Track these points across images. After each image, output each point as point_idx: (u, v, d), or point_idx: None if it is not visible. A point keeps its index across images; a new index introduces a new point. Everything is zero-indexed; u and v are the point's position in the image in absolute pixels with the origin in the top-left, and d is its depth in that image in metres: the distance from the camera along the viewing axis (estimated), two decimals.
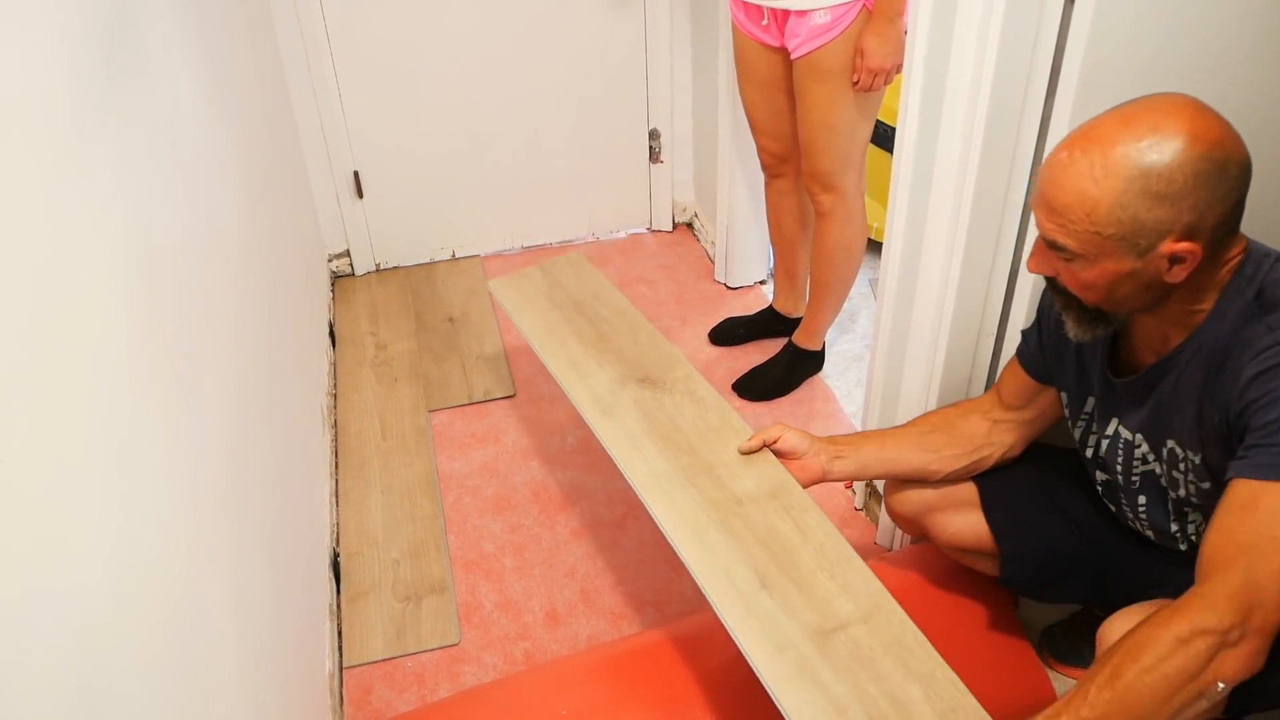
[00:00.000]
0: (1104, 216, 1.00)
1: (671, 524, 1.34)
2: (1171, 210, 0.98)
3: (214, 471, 1.14)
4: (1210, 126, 0.98)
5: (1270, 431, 1.00)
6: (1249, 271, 1.06)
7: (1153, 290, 1.06)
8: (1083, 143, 1.02)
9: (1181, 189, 0.97)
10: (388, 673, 1.66)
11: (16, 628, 0.62)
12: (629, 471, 1.44)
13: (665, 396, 1.56)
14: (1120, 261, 1.03)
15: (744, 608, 1.22)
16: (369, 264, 2.74)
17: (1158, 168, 0.97)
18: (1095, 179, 1.00)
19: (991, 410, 1.43)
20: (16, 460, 0.65)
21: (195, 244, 1.23)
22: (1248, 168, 1.00)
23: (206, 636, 1.00)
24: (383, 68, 2.45)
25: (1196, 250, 1.00)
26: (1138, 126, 0.99)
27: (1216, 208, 0.99)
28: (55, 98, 0.83)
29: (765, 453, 1.44)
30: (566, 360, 1.68)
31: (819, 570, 1.27)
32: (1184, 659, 0.97)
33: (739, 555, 1.29)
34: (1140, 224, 0.99)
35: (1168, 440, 1.18)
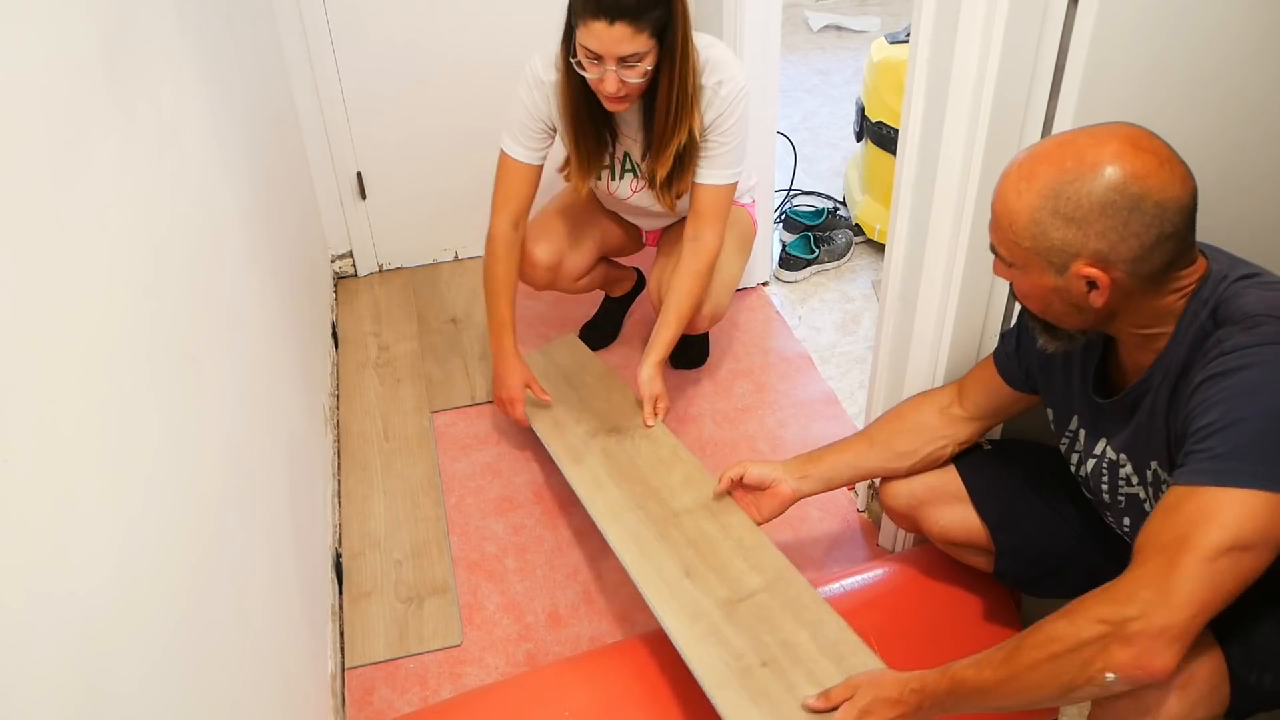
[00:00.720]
0: (1021, 229, 1.06)
1: (618, 539, 1.57)
2: (1078, 234, 1.02)
3: (216, 472, 1.14)
4: (1137, 162, 1.01)
5: (1202, 436, 1.00)
6: (1205, 295, 1.08)
7: (1084, 312, 1.10)
8: (1023, 157, 1.08)
9: (1087, 215, 1.01)
10: (390, 673, 1.66)
11: (19, 628, 0.62)
12: (589, 505, 1.67)
13: (627, 440, 1.81)
14: (1043, 275, 1.08)
15: (668, 593, 1.45)
16: (372, 265, 2.75)
17: (1067, 191, 1.02)
18: (1018, 192, 1.06)
19: (950, 406, 1.48)
20: (18, 461, 0.65)
21: (197, 245, 1.23)
22: (1172, 208, 1.01)
23: (209, 637, 1.00)
24: (386, 68, 2.45)
25: (1106, 278, 1.03)
26: (1068, 150, 1.04)
27: (1130, 240, 1.01)
28: (58, 97, 0.84)
29: (701, 475, 1.67)
30: (550, 420, 1.94)
31: (735, 557, 1.49)
32: (1077, 643, 1.00)
33: (670, 555, 1.52)
34: (1051, 241, 1.04)
35: (1151, 462, 1.18)
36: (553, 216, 2.11)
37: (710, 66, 1.76)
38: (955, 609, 1.55)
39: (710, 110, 1.78)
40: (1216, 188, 1.42)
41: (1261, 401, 0.97)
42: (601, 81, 1.66)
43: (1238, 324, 1.03)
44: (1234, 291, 1.06)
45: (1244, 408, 0.98)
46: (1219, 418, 0.99)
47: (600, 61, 1.64)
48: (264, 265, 1.66)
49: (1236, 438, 0.97)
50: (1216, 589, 0.96)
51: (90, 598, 0.73)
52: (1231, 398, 0.99)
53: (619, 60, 1.62)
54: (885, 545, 1.84)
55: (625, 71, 1.64)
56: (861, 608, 1.57)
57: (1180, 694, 1.04)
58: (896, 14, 4.44)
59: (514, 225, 1.95)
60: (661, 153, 1.80)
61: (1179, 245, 1.04)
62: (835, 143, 3.40)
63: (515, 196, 1.94)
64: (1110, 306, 1.08)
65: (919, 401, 1.53)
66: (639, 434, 1.82)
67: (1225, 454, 0.97)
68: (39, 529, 0.67)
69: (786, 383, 2.29)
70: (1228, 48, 1.29)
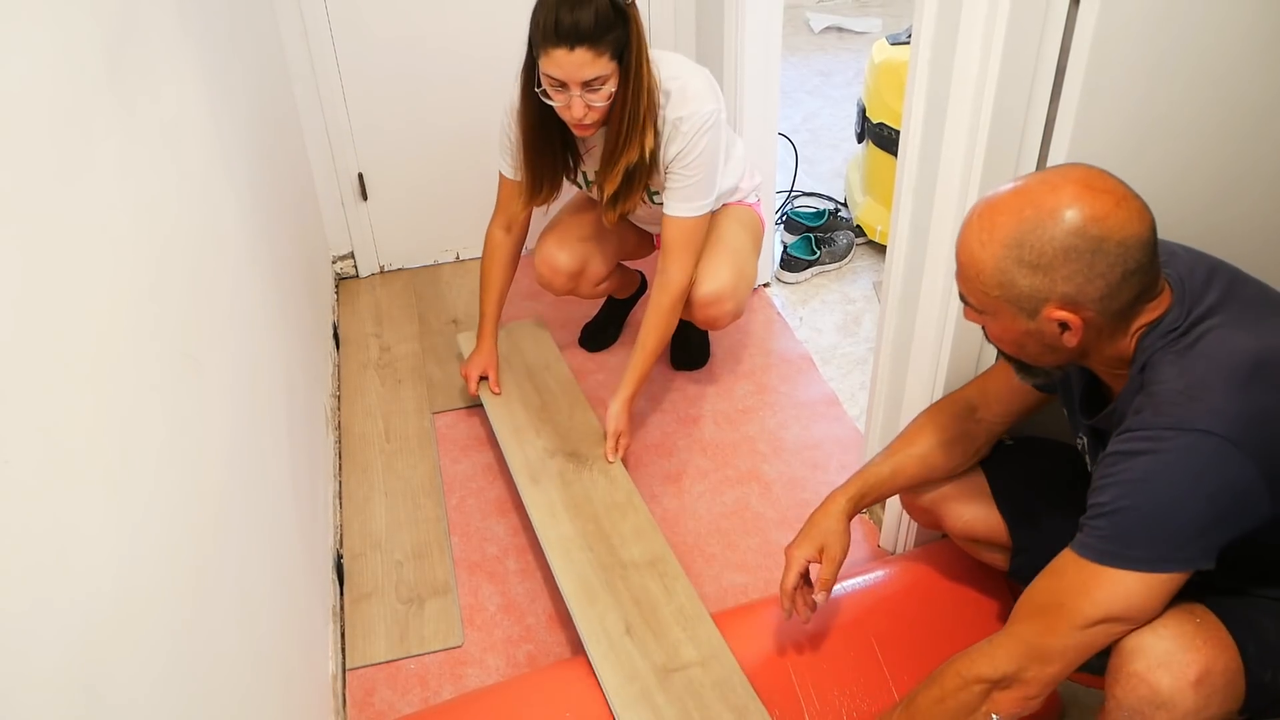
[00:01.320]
0: (989, 278, 1.07)
1: (565, 577, 1.65)
2: (1045, 280, 1.04)
3: (218, 473, 1.14)
4: (1095, 204, 1.02)
5: (1094, 514, 1.07)
6: (1147, 344, 1.10)
7: (1057, 351, 1.12)
8: (982, 207, 1.09)
9: (1052, 261, 1.03)
10: (390, 674, 1.66)
11: (22, 633, 0.62)
12: (542, 534, 1.74)
13: (585, 471, 1.88)
14: (1015, 320, 1.09)
15: (608, 647, 1.52)
16: (373, 266, 2.75)
17: (1028, 240, 1.04)
18: (982, 243, 1.07)
19: (975, 413, 1.47)
20: (20, 463, 0.65)
21: (199, 246, 1.24)
22: (1134, 245, 1.02)
23: (211, 638, 1.00)
24: (387, 70, 2.45)
25: (1078, 319, 1.06)
26: (1025, 198, 1.05)
27: (1096, 282, 1.03)
28: (60, 98, 0.84)
29: (652, 528, 1.73)
30: (511, 425, 2.01)
31: (675, 624, 1.56)
32: (965, 696, 1.16)
33: (614, 607, 1.59)
34: (1019, 289, 1.06)
35: None
36: (571, 223, 2.13)
37: (675, 99, 1.77)
38: (956, 610, 1.55)
39: (672, 145, 1.79)
40: (1220, 189, 1.42)
41: (1150, 492, 1.03)
42: (568, 108, 1.69)
43: (1153, 397, 1.06)
44: (1160, 357, 1.08)
45: (1134, 496, 1.04)
46: (1112, 500, 1.05)
47: (565, 88, 1.66)
48: (265, 266, 1.66)
49: (1123, 525, 1.05)
50: (1088, 649, 1.10)
51: (93, 599, 0.73)
52: (1126, 483, 1.05)
53: (583, 85, 1.65)
54: (886, 546, 1.84)
55: (590, 95, 1.67)
56: (862, 609, 1.57)
57: (1196, 690, 1.05)
58: (898, 15, 4.45)
59: (506, 229, 2.05)
60: (611, 168, 1.80)
61: (1145, 278, 1.06)
62: (836, 144, 3.40)
63: (509, 205, 2.01)
64: (1082, 345, 1.10)
65: (942, 419, 1.48)
66: (598, 466, 1.89)
67: (1110, 537, 1.06)
68: (41, 532, 0.67)
69: (788, 384, 2.29)
70: (1231, 48, 1.29)
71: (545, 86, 1.68)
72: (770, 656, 1.50)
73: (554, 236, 2.11)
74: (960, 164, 1.37)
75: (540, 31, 1.62)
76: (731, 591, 1.78)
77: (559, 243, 2.10)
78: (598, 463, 1.90)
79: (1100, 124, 1.31)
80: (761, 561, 1.83)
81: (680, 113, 1.76)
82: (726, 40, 2.26)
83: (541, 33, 1.61)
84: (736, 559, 1.84)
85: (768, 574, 1.80)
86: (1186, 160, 1.38)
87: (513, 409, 2.05)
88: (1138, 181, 1.39)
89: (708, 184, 1.84)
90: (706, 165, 1.81)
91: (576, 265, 2.10)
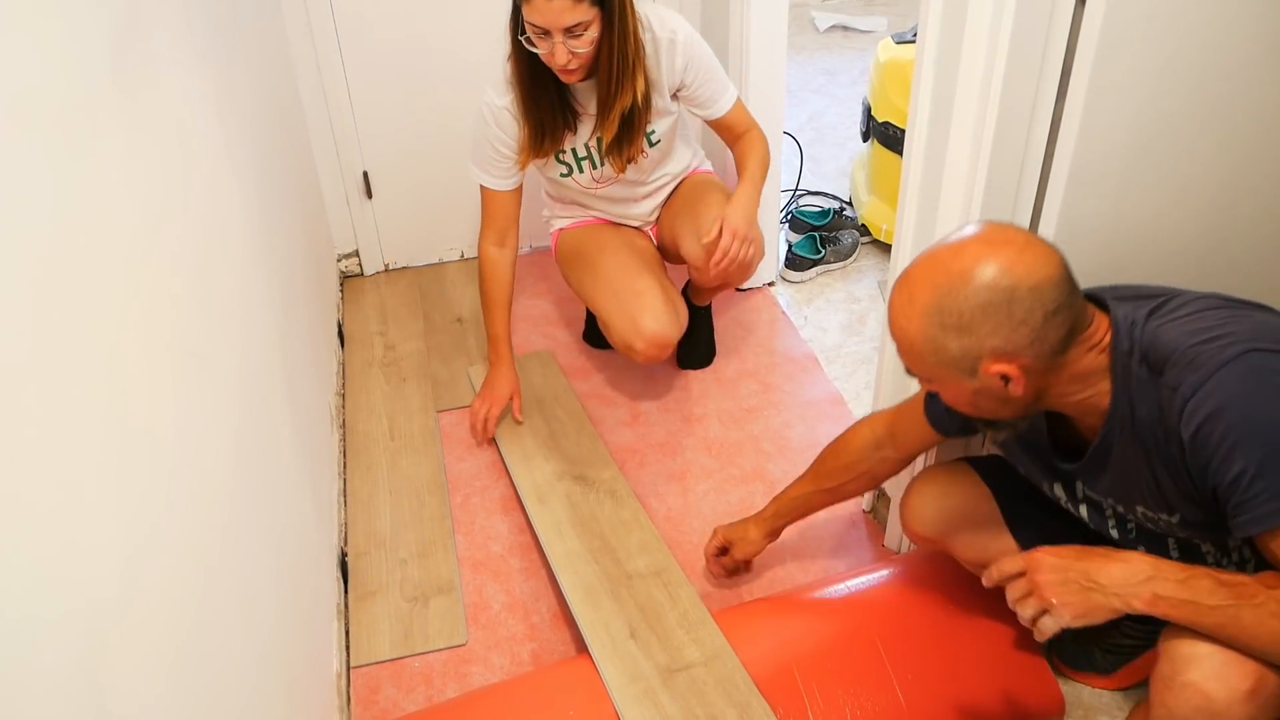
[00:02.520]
0: (922, 348, 1.10)
1: (571, 587, 1.68)
2: (972, 339, 1.06)
3: (222, 471, 1.14)
4: (997, 258, 1.05)
5: (1244, 487, 1.02)
6: (1124, 345, 1.10)
7: (1011, 403, 1.12)
8: (901, 284, 1.12)
9: (972, 321, 1.05)
10: (395, 672, 1.66)
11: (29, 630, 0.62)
12: (549, 549, 1.77)
13: (591, 493, 1.91)
14: (959, 382, 1.11)
15: (612, 649, 1.54)
16: (378, 264, 2.75)
17: (945, 305, 1.06)
18: (907, 317, 1.10)
19: (884, 448, 1.52)
20: (26, 459, 0.66)
21: (204, 243, 1.24)
22: (1046, 287, 1.04)
23: (216, 635, 1.00)
24: (393, 67, 2.45)
25: (1015, 368, 1.07)
26: (935, 266, 1.09)
27: (1021, 329, 1.05)
28: (66, 93, 0.84)
29: (658, 543, 1.77)
30: (520, 452, 2.04)
31: (679, 628, 1.58)
32: None
33: (618, 613, 1.61)
34: (951, 353, 1.08)
35: (1136, 506, 1.20)
36: (628, 281, 1.99)
37: (655, 24, 1.83)
38: (960, 610, 1.55)
39: (676, 58, 1.86)
40: (1226, 189, 1.42)
41: (1263, 430, 1.00)
42: (551, 55, 1.72)
43: (1177, 364, 1.05)
44: (1152, 334, 1.09)
45: (1256, 444, 1.00)
46: (1244, 467, 1.01)
47: (548, 35, 1.69)
48: (270, 264, 1.66)
49: (1277, 473, 1.00)
50: None
51: (98, 597, 0.73)
52: (1238, 442, 1.01)
53: (564, 32, 1.68)
54: (890, 546, 1.84)
55: (572, 42, 1.70)
56: (867, 608, 1.57)
57: (1249, 701, 1.04)
58: (903, 14, 4.44)
59: (499, 244, 2.02)
60: (607, 116, 1.84)
61: (1069, 315, 1.07)
62: (841, 143, 3.40)
63: (497, 218, 2.00)
64: (1032, 390, 1.11)
65: (858, 442, 1.56)
66: (604, 488, 1.92)
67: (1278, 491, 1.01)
68: (47, 529, 0.67)
69: (792, 383, 2.29)
70: (1238, 49, 1.29)
71: (529, 34, 1.71)
72: (774, 656, 1.50)
73: (634, 309, 1.94)
74: (965, 163, 1.37)
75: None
76: (735, 590, 1.78)
77: (647, 311, 1.93)
78: (605, 485, 1.93)
79: (1106, 124, 1.30)
80: (765, 560, 1.82)
81: (670, 28, 1.84)
82: (732, 39, 2.26)
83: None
84: None
85: (771, 573, 1.80)
86: (1193, 161, 1.38)
87: (522, 438, 2.07)
88: (1144, 182, 1.39)
89: (722, 71, 1.95)
90: (712, 60, 1.92)
91: (677, 323, 1.97)
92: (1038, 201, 1.40)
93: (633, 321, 1.94)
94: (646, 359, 1.98)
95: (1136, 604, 1.05)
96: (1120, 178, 1.36)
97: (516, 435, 2.08)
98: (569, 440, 2.06)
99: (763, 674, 1.47)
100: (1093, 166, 1.34)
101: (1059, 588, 1.08)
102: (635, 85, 1.81)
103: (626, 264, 2.03)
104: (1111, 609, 1.06)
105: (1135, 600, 1.05)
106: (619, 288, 1.99)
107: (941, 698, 1.45)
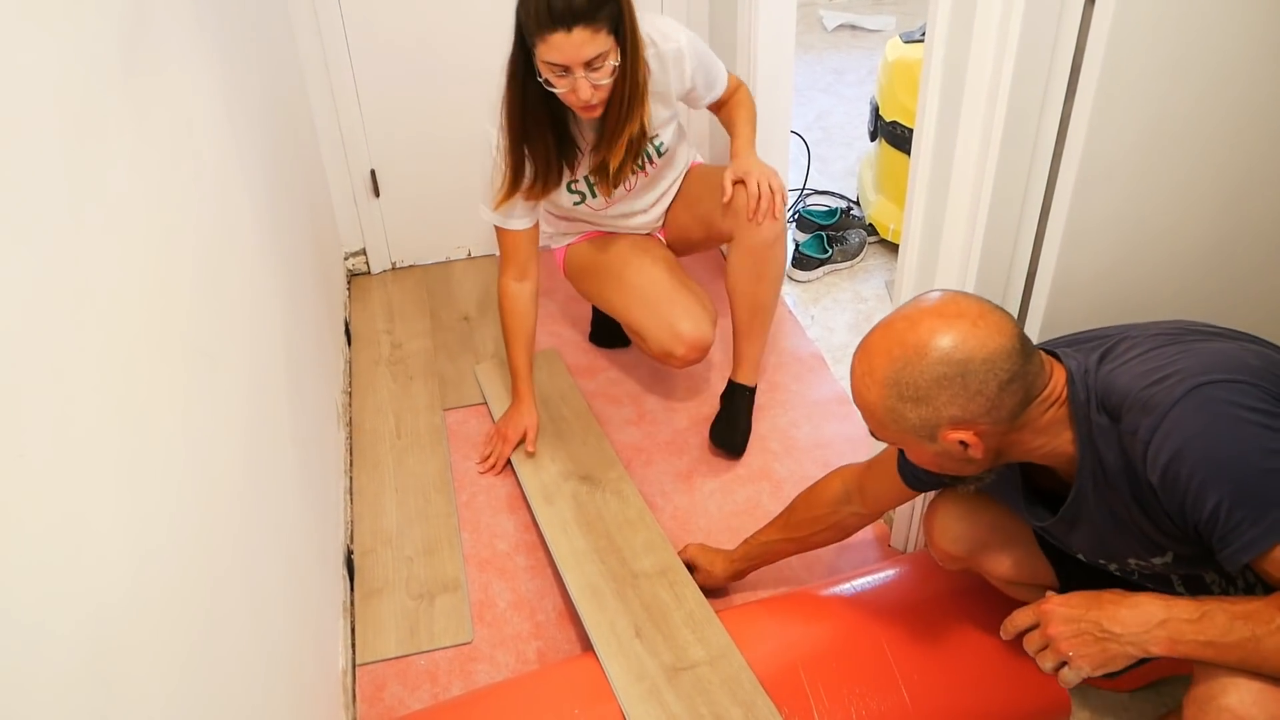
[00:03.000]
0: (881, 417, 1.13)
1: (576, 587, 1.68)
2: (929, 409, 1.08)
3: (230, 468, 1.14)
4: (951, 332, 1.07)
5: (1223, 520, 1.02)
6: (1081, 396, 1.11)
7: (972, 464, 1.15)
8: (860, 353, 1.15)
9: (928, 393, 1.08)
10: (400, 670, 1.66)
11: (36, 628, 0.63)
12: (554, 548, 1.78)
13: (598, 493, 1.91)
14: (920, 446, 1.14)
15: (618, 648, 1.54)
16: (385, 262, 2.75)
17: (902, 378, 1.09)
18: (866, 387, 1.13)
19: (851, 500, 1.53)
20: (34, 459, 0.66)
21: (213, 241, 1.24)
22: (999, 358, 1.06)
23: (222, 632, 1.00)
24: (400, 66, 2.45)
25: (973, 437, 1.09)
26: (892, 338, 1.11)
27: (976, 399, 1.07)
28: (75, 94, 0.84)
29: (663, 542, 1.77)
30: (524, 453, 2.03)
31: (684, 627, 1.58)
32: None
33: (624, 613, 1.62)
34: (910, 422, 1.10)
35: (1128, 559, 1.20)
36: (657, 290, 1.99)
37: (660, 36, 1.82)
38: (965, 609, 1.55)
39: (687, 66, 1.86)
40: (1235, 189, 1.41)
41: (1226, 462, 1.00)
42: (574, 92, 1.66)
43: (1132, 409, 1.06)
44: (1105, 380, 1.10)
45: (1223, 478, 1.00)
46: (1218, 500, 1.01)
47: (568, 73, 1.64)
48: (278, 262, 1.67)
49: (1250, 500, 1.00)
50: None
51: (107, 594, 0.74)
52: (1206, 479, 1.01)
53: (585, 66, 1.63)
54: (897, 546, 1.84)
55: (594, 75, 1.65)
56: (872, 608, 1.56)
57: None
58: (911, 13, 4.43)
59: (519, 279, 2.00)
60: (615, 143, 1.80)
61: (1023, 382, 1.08)
62: (849, 142, 3.39)
63: (516, 256, 1.98)
64: (992, 451, 1.13)
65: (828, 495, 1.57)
66: (610, 487, 1.92)
67: (1259, 516, 1.00)
68: (55, 526, 0.68)
69: (799, 383, 2.29)
70: (1248, 48, 1.28)
71: (546, 75, 1.66)
72: (779, 655, 1.50)
73: (669, 315, 1.95)
74: (974, 163, 1.36)
75: (534, 19, 1.60)
76: (741, 590, 1.78)
77: (684, 317, 1.94)
78: (611, 485, 1.92)
79: (1116, 124, 1.30)
80: None
81: (671, 44, 1.83)
82: (740, 38, 2.26)
83: (535, 20, 1.60)
84: None
85: (777, 572, 1.80)
86: (1202, 160, 1.37)
87: None
88: (1153, 181, 1.39)
89: (714, 59, 1.95)
90: (708, 55, 1.92)
91: (712, 323, 1.97)
92: (1046, 202, 1.39)
93: (670, 328, 1.94)
94: (685, 363, 1.98)
95: (1154, 649, 1.04)
96: (1129, 177, 1.36)
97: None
98: (575, 439, 2.06)
99: (768, 673, 1.46)
100: (1102, 166, 1.33)
101: (1074, 640, 1.08)
102: (643, 110, 1.78)
103: (650, 273, 2.02)
104: (1129, 656, 1.06)
105: (1152, 646, 1.04)
106: (649, 296, 1.98)
107: (947, 698, 1.45)
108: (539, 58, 1.64)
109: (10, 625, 0.60)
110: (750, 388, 2.09)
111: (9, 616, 0.60)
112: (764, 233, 1.89)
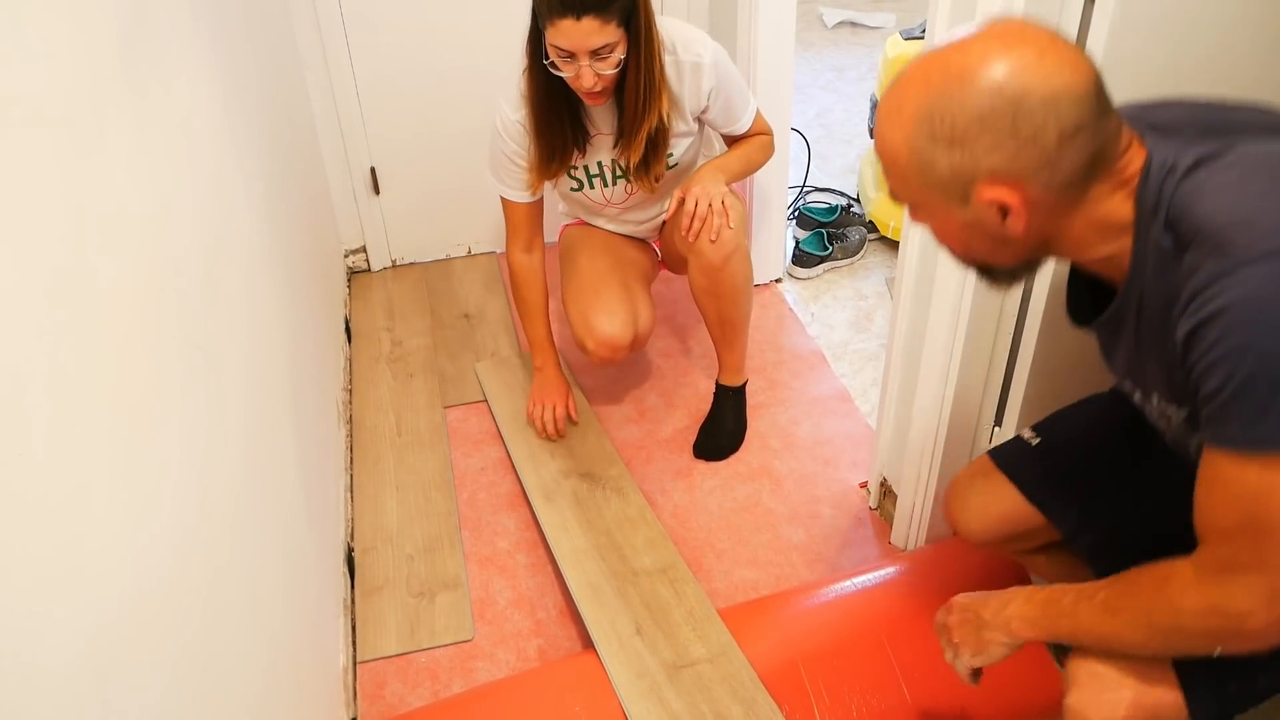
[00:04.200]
0: (906, 164, 0.92)
1: (577, 584, 1.69)
2: (966, 155, 0.87)
3: (230, 466, 1.14)
4: (1010, 58, 0.85)
5: (1220, 404, 0.85)
6: (1149, 201, 0.90)
7: (1009, 245, 0.94)
8: (893, 84, 0.92)
9: (967, 132, 0.86)
10: (401, 668, 1.67)
11: (35, 625, 0.63)
12: (555, 546, 1.78)
13: (598, 490, 1.91)
14: (948, 211, 0.93)
15: (618, 646, 1.54)
16: (385, 260, 2.75)
17: (939, 110, 0.87)
18: (892, 125, 0.91)
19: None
20: (33, 456, 0.66)
21: (212, 238, 1.24)
22: (1065, 100, 0.84)
23: (222, 630, 1.00)
24: (400, 64, 2.45)
25: (1017, 200, 0.88)
26: (933, 64, 0.89)
27: (1028, 149, 0.85)
28: (75, 92, 0.84)
29: (664, 540, 1.76)
30: (526, 449, 2.04)
31: (685, 625, 1.58)
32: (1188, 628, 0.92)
33: (624, 610, 1.62)
34: (940, 172, 0.89)
35: (1152, 393, 1.03)
36: (594, 282, 1.98)
37: (682, 45, 1.80)
38: None
39: (705, 82, 1.82)
40: None
41: (1265, 350, 0.82)
42: (578, 78, 1.68)
43: (1204, 245, 0.85)
44: (1187, 195, 0.88)
45: (1246, 364, 0.82)
46: (1225, 382, 0.84)
47: (573, 58, 1.65)
48: (278, 260, 1.67)
49: (1256, 401, 0.83)
50: None
51: (106, 592, 0.74)
52: (1231, 351, 0.83)
53: (591, 54, 1.64)
54: (898, 544, 1.84)
55: (599, 64, 1.66)
56: (873, 605, 1.57)
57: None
58: (911, 10, 4.42)
59: (526, 250, 2.01)
60: (633, 139, 1.81)
61: (1092, 139, 0.87)
62: (849, 139, 3.39)
63: (522, 228, 1.99)
64: (1037, 231, 0.92)
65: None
66: (611, 486, 1.92)
67: (1255, 420, 0.83)
68: (55, 524, 0.68)
69: (799, 380, 2.29)
70: (1247, 48, 1.28)
71: (553, 58, 1.68)
72: (780, 653, 1.50)
73: (589, 308, 1.94)
74: None
75: (546, 3, 1.62)
76: (742, 587, 1.78)
77: (594, 311, 1.93)
78: (611, 483, 1.93)
79: None
80: (772, 557, 1.83)
81: (696, 51, 1.80)
82: (740, 35, 2.25)
83: (547, 4, 1.62)
84: (747, 555, 1.84)
85: (778, 570, 1.80)
86: None
87: (529, 434, 2.08)
88: None
89: (746, 88, 1.91)
90: (738, 78, 1.88)
91: (628, 329, 1.93)
92: None
93: (586, 320, 1.94)
94: (599, 359, 1.97)
95: (1018, 630, 1.04)
96: None
97: (523, 432, 2.08)
98: (575, 437, 2.06)
99: (769, 671, 1.47)
100: None
101: (960, 629, 1.09)
102: (661, 106, 1.78)
103: (597, 265, 2.03)
104: (999, 642, 1.06)
105: (1015, 626, 1.04)
106: (583, 285, 1.99)
107: (947, 695, 1.45)
108: (548, 40, 1.66)
109: (8, 620, 0.60)
110: (735, 387, 2.11)
111: (7, 611, 0.60)
112: (710, 255, 1.83)
